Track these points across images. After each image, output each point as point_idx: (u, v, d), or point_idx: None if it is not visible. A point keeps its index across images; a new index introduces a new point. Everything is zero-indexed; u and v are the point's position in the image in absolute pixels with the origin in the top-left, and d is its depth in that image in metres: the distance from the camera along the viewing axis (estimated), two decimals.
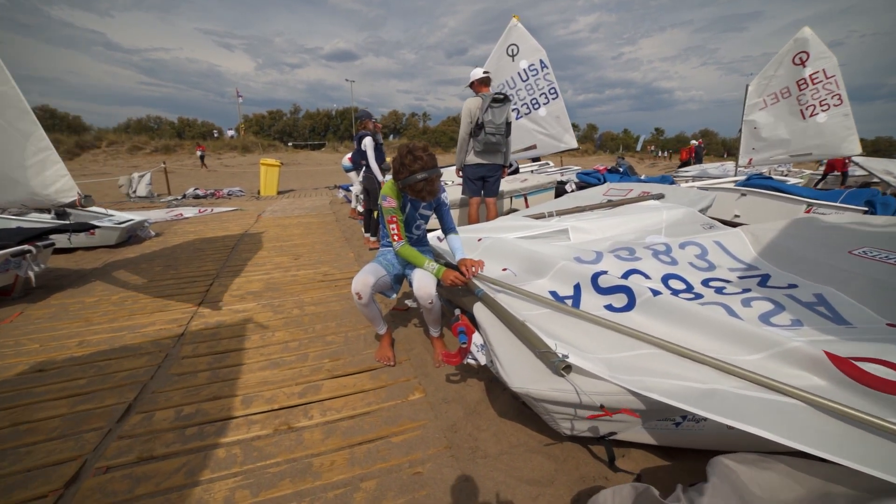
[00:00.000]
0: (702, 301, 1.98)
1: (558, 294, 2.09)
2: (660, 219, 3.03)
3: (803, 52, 7.20)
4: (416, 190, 2.02)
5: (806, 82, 7.21)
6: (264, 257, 4.52)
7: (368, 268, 2.22)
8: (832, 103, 7.11)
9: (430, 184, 2.02)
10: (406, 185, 2.02)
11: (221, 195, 10.98)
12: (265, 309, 3.07)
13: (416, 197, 2.07)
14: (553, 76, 7.19)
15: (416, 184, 2.00)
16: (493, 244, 2.64)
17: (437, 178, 2.05)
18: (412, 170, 1.99)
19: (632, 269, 2.27)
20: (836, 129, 7.10)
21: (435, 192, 2.06)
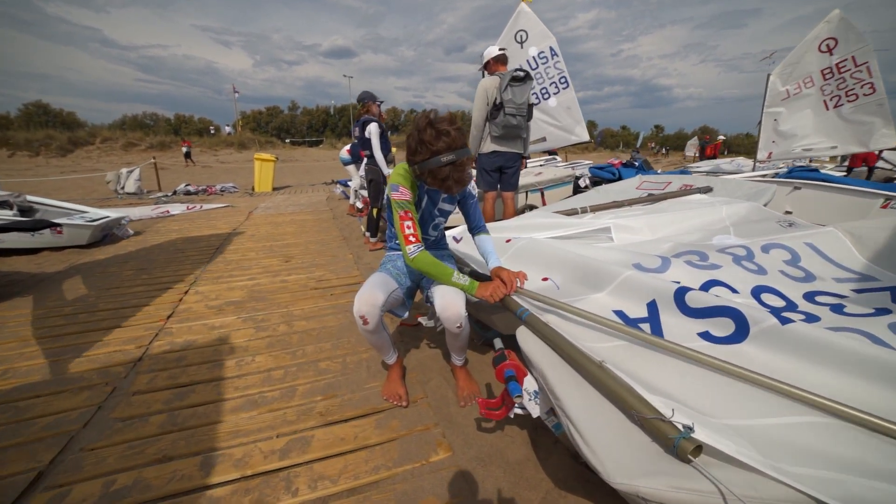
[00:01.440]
0: (824, 325, 1.44)
1: (627, 315, 1.55)
2: (719, 215, 2.49)
3: (831, 38, 6.66)
4: (439, 178, 1.46)
5: (832, 71, 6.66)
6: (251, 259, 3.95)
7: (375, 280, 1.67)
8: (861, 93, 6.55)
9: (458, 170, 1.45)
10: (425, 170, 1.46)
11: (214, 191, 10.38)
12: (246, 324, 2.51)
13: (439, 188, 1.51)
14: (564, 64, 6.62)
15: (439, 169, 1.43)
16: (528, 246, 2.10)
17: (468, 162, 1.48)
18: (435, 149, 1.42)
19: (712, 281, 1.73)
20: (864, 119, 6.56)
21: (465, 181, 1.50)
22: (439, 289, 1.63)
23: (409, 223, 1.56)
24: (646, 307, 1.54)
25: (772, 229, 2.18)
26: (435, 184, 1.49)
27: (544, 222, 2.60)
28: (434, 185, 1.50)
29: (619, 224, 2.48)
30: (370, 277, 1.70)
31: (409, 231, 1.56)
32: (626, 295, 1.61)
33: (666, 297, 1.49)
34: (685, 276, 1.77)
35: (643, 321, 1.50)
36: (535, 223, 2.60)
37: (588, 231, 2.52)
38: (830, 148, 6.90)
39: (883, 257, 1.85)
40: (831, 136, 6.73)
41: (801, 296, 1.69)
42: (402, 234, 1.56)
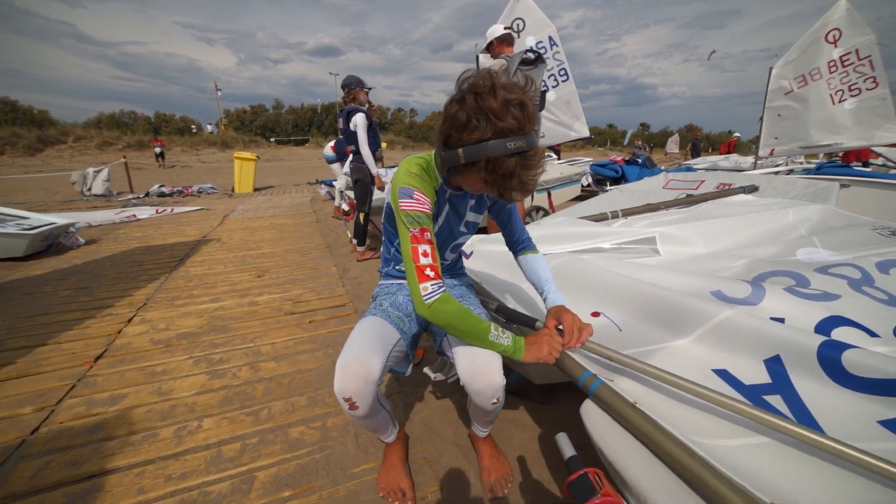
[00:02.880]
0: None
1: (736, 378, 1.02)
2: (786, 221, 2.00)
3: (835, 29, 6.31)
4: (499, 174, 0.86)
5: (836, 64, 6.33)
6: (218, 274, 3.32)
7: (365, 332, 1.09)
8: (864, 87, 6.22)
9: (528, 165, 0.87)
10: (480, 160, 0.86)
11: (191, 193, 9.58)
12: (198, 367, 1.92)
13: (491, 192, 0.93)
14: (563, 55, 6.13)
15: (502, 160, 0.85)
16: (566, 266, 1.56)
17: (540, 156, 0.91)
18: (501, 127, 0.84)
19: (834, 318, 1.21)
20: (868, 115, 6.24)
21: (532, 185, 0.92)
22: (465, 347, 1.07)
23: (427, 248, 0.98)
24: (765, 367, 1.02)
25: (870, 239, 1.69)
26: (485, 185, 0.90)
27: (573, 232, 2.07)
28: (481, 187, 0.93)
29: (665, 234, 1.97)
30: (358, 326, 1.13)
31: (427, 262, 0.97)
32: (727, 345, 1.09)
33: (801, 354, 0.97)
34: (791, 309, 1.25)
35: (767, 390, 0.98)
36: (563, 233, 2.07)
37: (628, 242, 2.01)
38: (834, 143, 6.58)
39: None
40: (837, 132, 6.39)
41: None
42: (415, 267, 0.96)
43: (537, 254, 1.29)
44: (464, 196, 1.16)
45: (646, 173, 6.67)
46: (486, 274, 1.75)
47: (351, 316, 2.45)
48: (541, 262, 1.26)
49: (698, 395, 0.89)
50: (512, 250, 1.34)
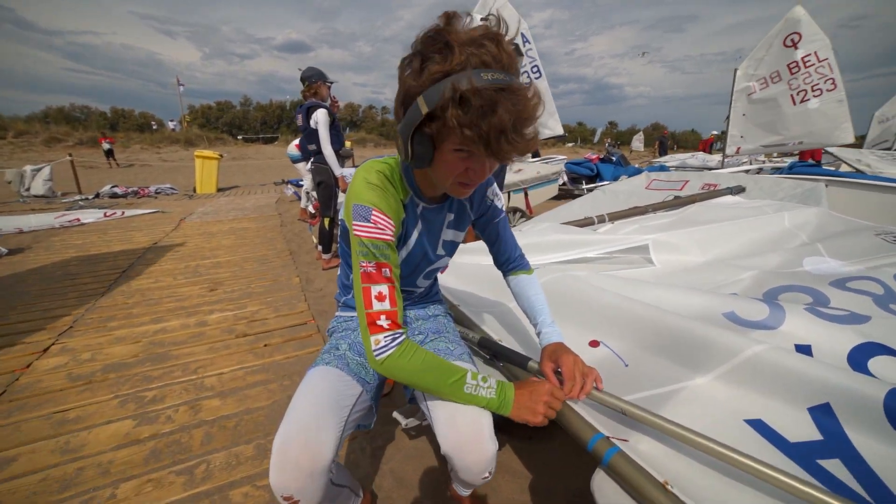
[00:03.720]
0: None
1: (780, 435, 0.83)
2: (782, 225, 1.87)
3: (795, 32, 6.45)
4: (480, 113, 0.59)
5: (798, 65, 6.47)
6: (165, 288, 2.93)
7: (315, 391, 0.83)
8: (825, 88, 6.41)
9: (519, 106, 0.60)
10: (444, 104, 0.60)
11: (147, 193, 8.85)
12: (124, 409, 1.58)
13: (477, 148, 0.63)
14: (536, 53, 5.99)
15: (480, 91, 0.58)
16: (557, 285, 1.34)
17: (535, 102, 0.63)
18: (470, 55, 0.59)
19: (869, 345, 1.04)
20: (828, 116, 6.43)
21: (528, 140, 0.64)
22: (446, 404, 0.82)
23: (384, 289, 0.75)
24: (811, 419, 0.83)
25: (876, 246, 1.56)
26: (464, 139, 0.63)
27: (560, 240, 1.86)
28: (459, 159, 0.67)
29: (659, 242, 1.79)
30: (307, 382, 0.86)
31: (382, 307, 0.75)
32: (759, 387, 0.89)
33: (860, 405, 0.78)
34: (817, 334, 1.07)
35: (819, 451, 0.78)
36: (549, 242, 1.85)
37: (619, 251, 1.82)
38: (797, 143, 6.76)
39: None
40: (798, 131, 6.57)
41: None
42: (365, 315, 0.75)
43: (531, 274, 1.06)
44: (440, 209, 0.91)
45: (620, 171, 6.64)
46: (465, 293, 1.51)
47: (312, 337, 2.15)
48: (534, 286, 1.03)
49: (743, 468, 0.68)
50: (501, 269, 1.10)
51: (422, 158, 0.69)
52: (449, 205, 0.92)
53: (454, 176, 0.71)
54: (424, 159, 0.70)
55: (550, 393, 0.79)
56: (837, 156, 7.88)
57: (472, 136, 0.61)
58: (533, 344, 1.12)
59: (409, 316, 1.10)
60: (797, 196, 2.25)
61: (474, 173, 0.70)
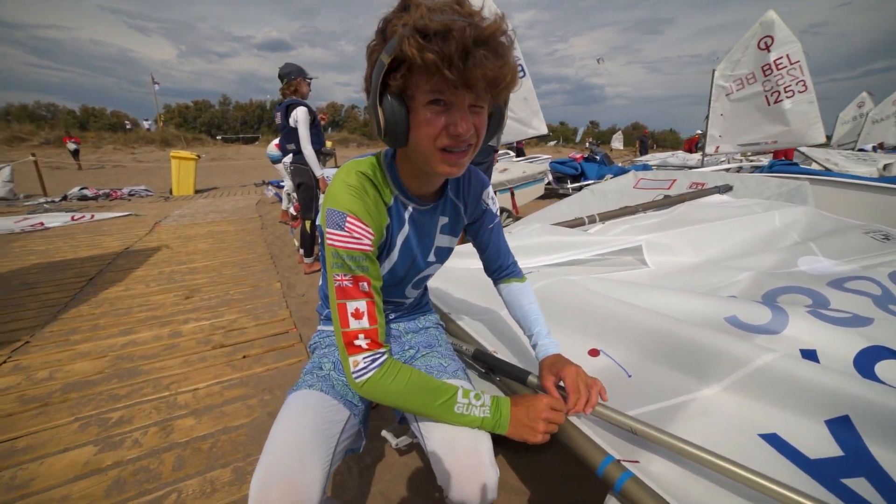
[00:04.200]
0: None
1: (798, 451, 0.77)
2: (773, 224, 1.85)
3: (768, 36, 6.62)
4: (447, 51, 0.53)
5: (771, 68, 6.64)
6: (137, 296, 2.75)
7: (298, 421, 0.74)
8: (797, 90, 6.60)
9: (489, 49, 0.55)
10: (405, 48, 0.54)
11: (120, 196, 8.46)
12: (84, 434, 1.43)
13: (450, 90, 0.57)
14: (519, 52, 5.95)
15: (447, 28, 0.52)
16: (552, 290, 1.28)
17: (507, 47, 0.59)
18: (430, 5, 0.55)
19: (875, 349, 1.01)
20: (801, 116, 6.62)
21: (512, 75, 0.59)
22: (439, 428, 0.75)
23: (361, 306, 0.68)
24: (829, 433, 0.78)
25: (867, 245, 1.55)
26: (430, 77, 0.56)
27: (552, 241, 1.80)
28: (433, 115, 0.60)
29: (652, 242, 1.75)
30: (288, 409, 0.78)
31: (360, 326, 0.68)
32: (772, 399, 0.84)
33: (881, 418, 0.73)
34: (822, 338, 1.03)
35: (842, 469, 0.72)
36: (541, 244, 1.79)
37: (612, 252, 1.77)
38: (771, 142, 6.94)
39: None
40: (772, 131, 6.75)
41: None
42: (342, 335, 0.68)
43: (524, 282, 0.99)
44: (433, 211, 0.82)
45: (604, 170, 6.68)
46: (456, 300, 1.43)
47: (294, 347, 2.03)
48: (528, 294, 0.96)
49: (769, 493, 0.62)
50: (492, 277, 1.02)
51: (396, 126, 0.61)
52: (443, 207, 0.84)
53: (434, 140, 0.61)
54: (399, 126, 0.61)
55: (550, 408, 0.72)
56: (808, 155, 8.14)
57: (436, 60, 0.54)
58: (532, 355, 1.05)
59: (399, 329, 1.01)
60: (783, 195, 2.26)
61: (455, 129, 0.60)
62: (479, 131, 0.63)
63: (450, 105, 0.59)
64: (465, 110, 0.60)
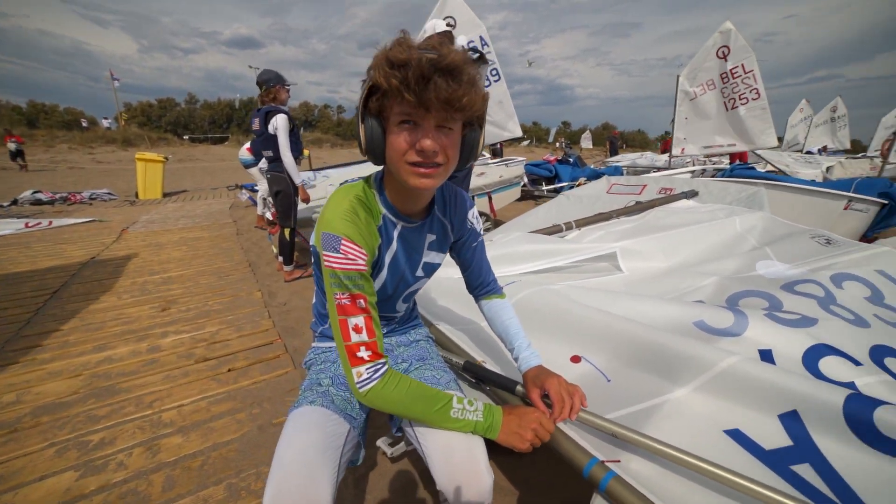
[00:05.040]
0: None
1: (751, 440, 0.86)
2: (735, 230, 2.00)
3: (725, 46, 7.03)
4: (409, 79, 0.61)
5: (727, 76, 7.07)
6: (109, 310, 2.64)
7: (305, 436, 0.78)
8: (750, 97, 7.04)
9: (448, 75, 0.61)
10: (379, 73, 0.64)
11: (80, 199, 7.98)
12: (63, 459, 1.38)
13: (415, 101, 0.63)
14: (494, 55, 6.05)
15: (411, 58, 0.61)
16: (533, 300, 1.34)
17: (470, 74, 0.65)
18: (409, 43, 0.65)
19: (819, 347, 1.12)
20: (755, 122, 7.07)
21: (481, 102, 0.68)
22: (436, 436, 0.80)
23: (360, 321, 0.73)
24: (782, 426, 0.87)
25: (814, 249, 1.71)
26: (399, 100, 0.64)
27: (531, 250, 1.87)
28: (397, 98, 0.65)
29: (626, 249, 1.85)
30: (292, 424, 0.81)
31: (361, 339, 0.72)
32: (734, 397, 0.93)
33: (822, 411, 0.83)
34: (776, 338, 1.15)
35: (791, 457, 0.82)
36: (520, 252, 1.86)
37: (588, 259, 1.86)
38: (729, 146, 7.37)
39: None
40: (730, 135, 7.17)
41: None
42: (345, 347, 0.73)
43: (503, 299, 1.05)
44: (421, 229, 0.87)
45: (578, 173, 6.89)
46: (443, 309, 1.48)
47: (280, 358, 2.02)
48: (508, 310, 1.02)
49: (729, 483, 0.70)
50: (473, 293, 1.08)
51: (374, 143, 0.70)
52: (430, 224, 0.89)
53: (403, 155, 0.68)
54: (376, 143, 0.70)
55: (539, 422, 0.78)
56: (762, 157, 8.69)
57: (399, 85, 0.62)
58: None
59: (391, 343, 1.05)
60: (743, 200, 2.43)
61: (420, 145, 0.67)
62: (447, 150, 0.69)
63: (417, 125, 0.67)
64: (431, 129, 0.67)
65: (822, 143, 14.01)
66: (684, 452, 0.75)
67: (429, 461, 0.81)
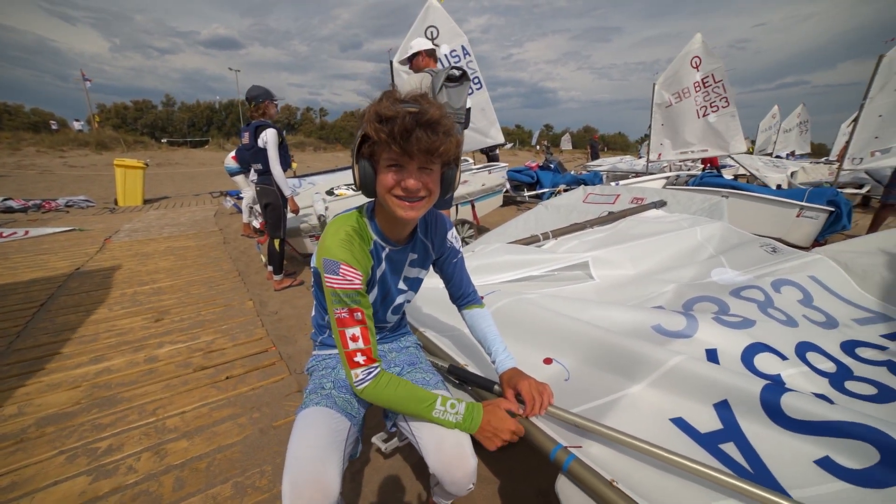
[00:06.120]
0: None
1: (692, 426, 1.03)
2: (695, 239, 2.21)
3: (697, 56, 7.41)
4: (396, 133, 0.76)
5: (699, 85, 7.45)
6: (101, 321, 2.69)
7: (314, 431, 0.91)
8: (720, 105, 7.42)
9: (428, 128, 0.77)
10: (371, 124, 0.79)
11: (55, 207, 7.80)
12: (73, 465, 1.47)
13: (398, 159, 0.81)
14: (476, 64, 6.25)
15: (396, 116, 0.77)
16: (512, 310, 1.50)
17: (446, 125, 0.81)
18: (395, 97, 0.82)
19: (756, 345, 1.32)
20: (725, 128, 7.45)
21: (455, 148, 0.85)
22: (429, 430, 0.95)
23: (357, 331, 0.88)
24: (715, 413, 1.05)
25: (761, 257, 1.93)
26: (386, 149, 0.80)
27: (510, 260, 2.04)
28: (384, 147, 0.80)
29: (598, 258, 2.04)
30: (301, 423, 0.93)
31: (357, 346, 0.88)
32: (679, 390, 1.11)
33: (745, 399, 1.01)
34: (721, 339, 1.34)
35: (720, 437, 1.00)
36: (499, 262, 2.02)
37: (563, 268, 2.04)
38: (702, 151, 7.74)
39: (878, 287, 1.69)
40: (703, 141, 7.54)
41: (840, 348, 1.40)
42: (345, 353, 0.89)
43: (483, 308, 1.20)
44: (404, 250, 1.03)
45: (558, 179, 7.13)
46: (429, 317, 1.63)
47: (276, 365, 2.13)
48: (486, 318, 1.17)
49: (665, 460, 0.87)
50: (456, 304, 1.23)
51: (366, 181, 0.85)
52: (413, 246, 1.04)
53: (390, 191, 0.83)
54: (368, 182, 0.85)
55: (512, 431, 0.91)
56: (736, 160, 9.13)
57: (387, 138, 0.77)
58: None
59: (384, 349, 1.19)
60: (706, 210, 2.66)
61: (405, 184, 0.82)
62: (428, 186, 0.85)
63: (402, 167, 0.82)
64: (414, 171, 0.83)
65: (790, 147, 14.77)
66: (635, 438, 0.91)
67: (423, 450, 0.95)
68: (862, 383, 1.23)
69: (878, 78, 4.91)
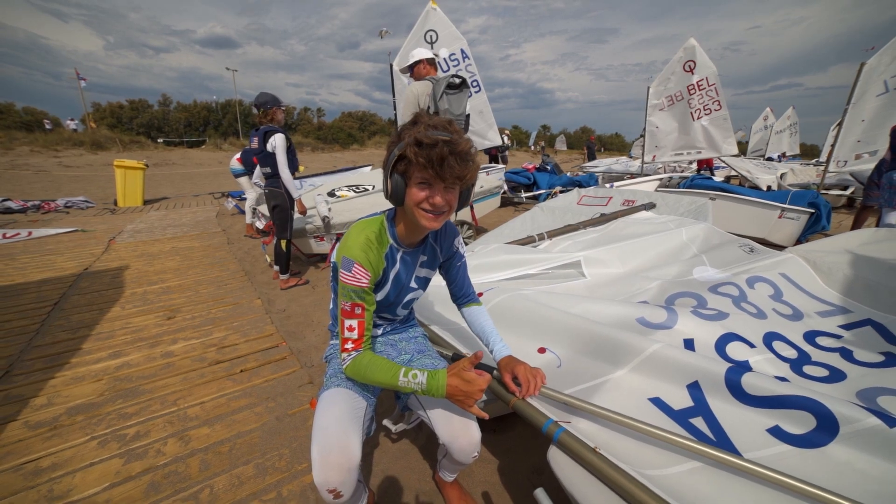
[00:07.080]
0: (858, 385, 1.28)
1: (667, 405, 1.19)
2: (681, 239, 2.37)
3: (691, 60, 7.60)
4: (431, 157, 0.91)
5: (694, 88, 7.64)
6: (115, 319, 2.81)
7: (336, 408, 1.05)
8: (713, 108, 7.62)
9: (458, 156, 0.92)
10: (410, 146, 0.93)
11: (54, 208, 7.86)
12: (106, 449, 1.61)
13: (430, 173, 0.93)
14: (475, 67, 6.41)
15: (431, 142, 0.91)
16: (509, 306, 1.65)
17: (472, 156, 0.98)
18: (429, 123, 0.96)
19: (728, 335, 1.48)
20: (717, 131, 7.65)
21: (466, 174, 0.96)
22: (439, 405, 1.12)
23: (354, 323, 1.04)
24: (688, 392, 1.21)
25: (739, 256, 2.09)
26: (421, 170, 0.94)
27: (507, 259, 2.19)
28: (420, 167, 0.93)
29: (589, 257, 2.19)
30: (325, 402, 1.08)
31: (351, 336, 1.05)
32: (657, 374, 1.26)
33: (713, 380, 1.17)
34: (697, 330, 1.50)
35: (691, 413, 1.16)
36: (497, 262, 2.17)
37: (557, 267, 2.19)
38: (697, 152, 7.94)
39: (840, 283, 1.85)
40: (697, 143, 7.73)
41: (802, 338, 1.56)
42: (341, 339, 1.06)
43: (480, 306, 1.34)
44: (416, 252, 1.17)
45: (555, 180, 7.30)
46: (435, 313, 1.77)
47: (287, 359, 2.27)
48: (484, 314, 1.32)
49: (642, 431, 1.03)
50: (456, 302, 1.37)
51: (397, 193, 0.98)
52: (423, 249, 1.18)
53: (419, 204, 0.97)
54: (399, 194, 0.98)
55: (481, 390, 0.99)
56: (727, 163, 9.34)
57: (424, 162, 0.91)
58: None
59: (394, 339, 1.34)
60: (692, 212, 2.82)
61: (432, 201, 0.97)
62: (450, 203, 1.00)
63: (431, 186, 0.97)
64: (441, 190, 0.97)
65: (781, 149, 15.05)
66: (618, 414, 1.06)
67: (433, 424, 1.10)
68: (817, 367, 1.39)
69: (860, 84, 5.12)
